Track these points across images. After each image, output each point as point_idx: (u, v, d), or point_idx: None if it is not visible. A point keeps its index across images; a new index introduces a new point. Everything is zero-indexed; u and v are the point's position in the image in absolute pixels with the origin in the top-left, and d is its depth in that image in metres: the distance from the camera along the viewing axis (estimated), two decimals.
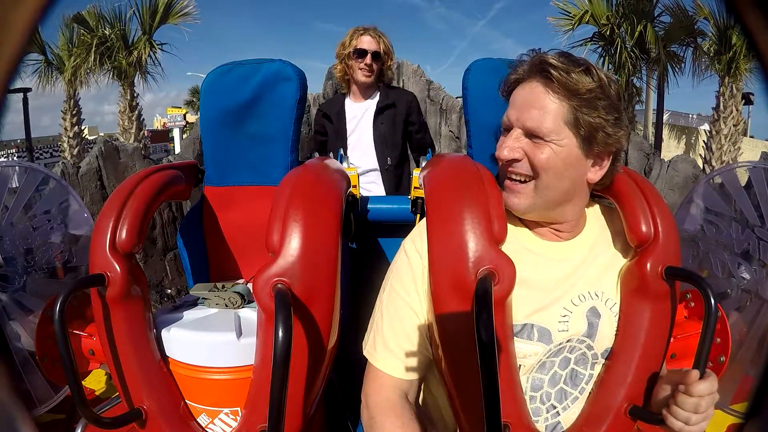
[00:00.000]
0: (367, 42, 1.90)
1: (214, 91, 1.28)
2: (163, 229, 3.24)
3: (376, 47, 1.90)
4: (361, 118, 1.99)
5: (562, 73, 0.75)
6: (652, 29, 8.07)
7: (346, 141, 2.00)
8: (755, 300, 1.50)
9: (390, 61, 1.97)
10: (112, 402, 1.04)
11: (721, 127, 8.11)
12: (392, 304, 0.84)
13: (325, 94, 4.87)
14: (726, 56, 7.69)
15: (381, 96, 1.98)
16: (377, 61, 1.91)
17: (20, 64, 0.27)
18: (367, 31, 1.92)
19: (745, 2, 0.27)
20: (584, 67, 0.77)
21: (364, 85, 1.97)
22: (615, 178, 0.86)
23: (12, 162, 3.91)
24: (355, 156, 1.99)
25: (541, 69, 0.77)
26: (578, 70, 0.76)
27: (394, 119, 1.96)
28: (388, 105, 1.96)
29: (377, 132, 1.97)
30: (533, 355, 0.79)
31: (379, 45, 1.90)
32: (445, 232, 0.77)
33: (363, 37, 1.91)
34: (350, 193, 1.25)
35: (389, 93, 1.99)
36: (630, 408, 0.81)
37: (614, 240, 0.88)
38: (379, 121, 1.96)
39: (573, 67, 0.76)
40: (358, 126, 2.00)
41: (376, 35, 1.91)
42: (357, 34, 1.92)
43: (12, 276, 1.61)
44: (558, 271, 0.83)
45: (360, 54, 1.90)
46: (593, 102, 0.75)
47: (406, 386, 0.83)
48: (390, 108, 1.97)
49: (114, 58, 8.67)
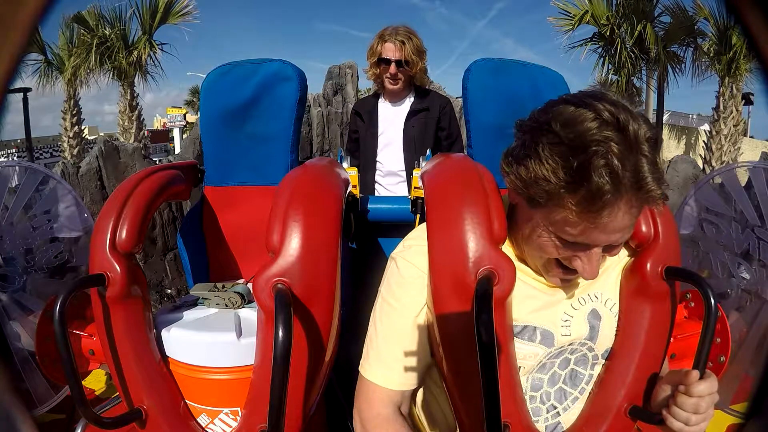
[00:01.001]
0: (389, 50, 1.82)
1: (214, 91, 1.28)
2: (163, 229, 3.24)
3: (399, 55, 1.81)
4: (393, 119, 1.95)
5: (658, 189, 0.63)
6: (652, 29, 8.07)
7: (377, 141, 1.97)
8: (755, 300, 1.51)
9: (421, 64, 1.87)
10: (112, 402, 1.04)
11: (721, 128, 8.11)
12: (386, 316, 0.82)
13: (325, 94, 4.87)
14: (726, 56, 7.69)
15: (415, 99, 1.94)
16: (402, 68, 1.84)
17: (20, 64, 0.27)
18: (390, 37, 1.82)
19: (745, 2, 0.27)
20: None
21: (392, 92, 1.93)
22: None
23: (12, 162, 3.91)
24: (384, 156, 1.97)
25: (638, 188, 0.62)
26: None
27: (425, 123, 1.91)
28: (422, 108, 1.91)
29: (407, 134, 1.92)
30: (533, 357, 0.79)
31: (403, 52, 1.81)
32: (445, 232, 0.77)
33: (386, 44, 1.83)
34: (350, 193, 1.25)
35: (424, 96, 1.94)
36: (630, 408, 0.81)
37: None
38: (410, 123, 1.91)
39: (660, 174, 0.64)
40: (389, 127, 1.96)
41: (399, 41, 1.81)
42: (381, 40, 1.84)
43: (12, 276, 1.62)
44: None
45: (384, 62, 1.83)
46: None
47: (399, 399, 0.81)
48: (423, 111, 1.91)
49: (114, 58, 8.67)
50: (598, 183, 0.60)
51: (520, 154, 0.70)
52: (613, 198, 0.61)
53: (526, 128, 0.71)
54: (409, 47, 1.81)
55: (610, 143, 0.60)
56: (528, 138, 0.69)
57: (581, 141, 0.62)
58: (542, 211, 0.69)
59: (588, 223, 0.64)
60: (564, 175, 0.63)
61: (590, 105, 0.64)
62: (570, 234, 0.67)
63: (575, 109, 0.65)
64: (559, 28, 8.71)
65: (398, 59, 1.81)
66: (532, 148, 0.67)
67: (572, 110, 0.65)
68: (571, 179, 0.62)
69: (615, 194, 0.61)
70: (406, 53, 1.81)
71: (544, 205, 0.67)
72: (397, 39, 1.81)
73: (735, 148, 8.12)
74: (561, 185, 0.63)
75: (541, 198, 0.67)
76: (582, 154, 0.61)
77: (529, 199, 0.69)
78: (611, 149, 0.60)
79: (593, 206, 0.62)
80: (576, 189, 0.62)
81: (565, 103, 0.67)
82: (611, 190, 0.60)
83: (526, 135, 0.70)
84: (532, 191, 0.68)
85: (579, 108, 0.65)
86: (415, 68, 1.85)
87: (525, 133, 0.70)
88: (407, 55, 1.81)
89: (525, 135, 0.70)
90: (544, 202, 0.67)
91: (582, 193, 0.62)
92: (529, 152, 0.67)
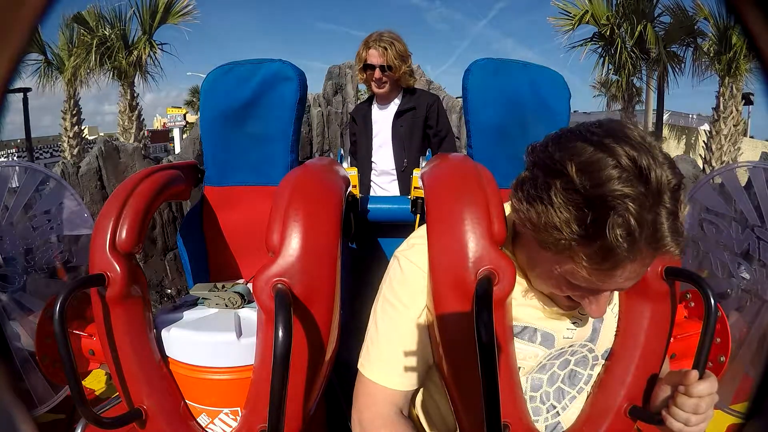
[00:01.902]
0: (374, 56, 1.90)
1: (214, 91, 1.28)
2: (163, 229, 3.24)
3: (383, 60, 1.89)
4: (384, 121, 2.05)
5: (676, 248, 0.60)
6: (652, 29, 8.08)
7: (372, 142, 2.07)
8: (755, 300, 1.51)
9: (404, 67, 1.93)
10: (112, 402, 1.04)
11: (721, 127, 8.12)
12: (386, 314, 0.81)
13: (325, 94, 4.87)
14: (726, 56, 7.69)
15: (402, 99, 2.02)
16: (386, 73, 1.91)
17: (20, 64, 0.27)
18: (375, 44, 1.90)
19: (745, 2, 0.27)
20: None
21: (380, 96, 2.01)
22: None
23: (12, 162, 3.91)
24: (378, 157, 2.07)
25: (655, 247, 0.59)
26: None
27: (413, 122, 1.99)
28: (409, 108, 1.99)
29: (396, 134, 2.01)
30: (533, 357, 0.79)
31: (386, 57, 1.89)
32: (445, 231, 0.76)
33: (370, 50, 1.91)
34: (350, 193, 1.25)
35: (411, 96, 2.02)
36: (630, 408, 0.81)
37: None
38: (399, 123, 2.00)
39: (679, 226, 0.60)
40: (382, 129, 2.05)
41: (381, 47, 1.89)
42: (366, 47, 1.93)
43: (12, 276, 1.62)
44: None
45: (370, 68, 1.92)
46: None
47: (401, 399, 0.80)
48: (410, 111, 1.99)
49: (114, 58, 8.68)
50: (612, 243, 0.57)
51: (531, 195, 0.65)
52: (627, 259, 0.59)
53: (539, 162, 0.66)
54: (391, 52, 1.89)
55: (627, 201, 0.56)
56: (541, 176, 0.64)
57: (598, 193, 0.58)
58: (551, 256, 0.66)
59: (598, 278, 0.63)
60: (577, 228, 0.60)
61: (610, 149, 0.59)
62: (579, 280, 0.65)
63: (593, 152, 0.60)
64: (559, 28, 8.73)
65: (381, 64, 1.89)
66: (544, 191, 0.63)
67: (590, 153, 0.60)
68: (585, 233, 0.59)
69: (629, 255, 0.58)
70: (389, 58, 1.89)
71: (554, 253, 0.65)
72: (380, 45, 1.89)
73: (735, 148, 8.13)
74: (573, 238, 0.60)
75: (551, 246, 0.64)
76: (598, 209, 0.58)
77: (539, 241, 0.66)
78: (629, 208, 0.56)
79: (605, 264, 0.60)
80: (589, 244, 0.60)
81: (584, 142, 0.62)
82: (626, 251, 0.58)
83: (538, 171, 0.65)
84: (542, 236, 0.65)
85: (597, 152, 0.60)
86: (398, 72, 1.92)
87: (537, 167, 0.66)
88: (389, 60, 1.89)
89: (537, 170, 0.66)
90: (554, 251, 0.64)
91: (594, 248, 0.59)
92: (541, 195, 0.63)
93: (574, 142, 0.63)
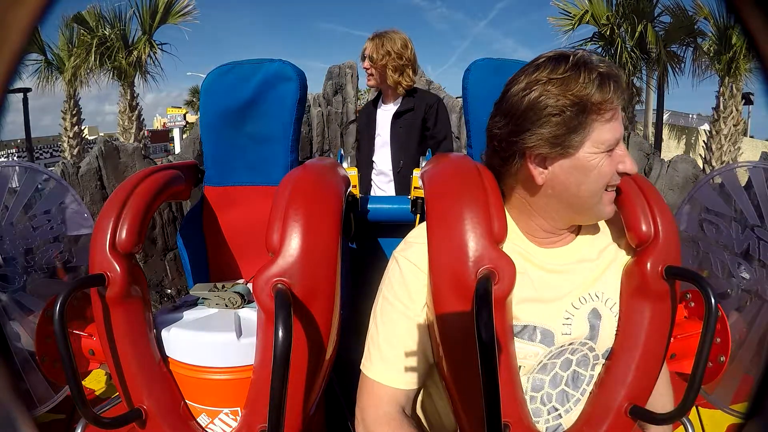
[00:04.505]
0: (367, 47, 1.96)
1: (214, 91, 1.28)
2: (163, 229, 3.24)
3: (369, 52, 1.94)
4: (385, 122, 2.07)
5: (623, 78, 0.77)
6: (652, 29, 8.08)
7: (374, 142, 2.10)
8: (755, 300, 1.51)
9: (387, 61, 1.93)
10: (112, 402, 1.04)
11: (721, 127, 8.12)
12: (386, 314, 0.82)
13: (325, 94, 4.87)
14: (726, 56, 7.70)
15: (402, 100, 2.03)
16: (373, 65, 1.94)
17: (20, 64, 0.27)
18: (374, 37, 1.96)
19: (745, 2, 0.27)
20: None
21: (385, 95, 2.06)
22: None
23: (12, 162, 3.91)
24: (378, 157, 2.10)
25: (618, 84, 0.75)
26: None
27: (411, 123, 2.01)
28: (408, 109, 2.01)
29: (394, 135, 2.03)
30: (533, 356, 0.79)
31: (376, 50, 1.92)
32: (445, 231, 0.77)
33: (367, 43, 1.97)
34: (350, 193, 1.25)
35: (411, 98, 2.03)
36: (630, 408, 0.81)
37: (614, 240, 0.88)
38: (398, 124, 2.02)
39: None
40: (383, 129, 2.08)
41: (376, 40, 1.93)
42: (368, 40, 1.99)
43: (12, 276, 1.62)
44: (559, 276, 0.82)
45: (362, 59, 1.98)
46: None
47: (403, 398, 0.81)
48: (408, 112, 2.01)
49: (114, 58, 8.68)
50: (593, 66, 0.72)
51: (522, 118, 0.75)
52: (610, 77, 0.73)
53: (507, 117, 0.77)
54: (376, 44, 1.93)
55: (580, 51, 0.76)
56: (514, 115, 0.75)
57: (568, 66, 0.73)
58: (576, 149, 0.73)
59: (607, 124, 0.73)
60: (566, 67, 0.73)
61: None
62: (605, 132, 0.73)
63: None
64: (559, 28, 8.73)
65: (369, 55, 1.94)
66: (528, 119, 0.74)
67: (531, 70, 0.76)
68: (571, 70, 0.72)
69: (606, 68, 0.73)
70: (371, 49, 1.93)
71: (577, 142, 0.73)
72: (376, 38, 1.94)
73: (735, 148, 8.13)
74: (568, 75, 0.72)
75: (570, 132, 0.72)
76: (563, 60, 0.73)
77: (563, 148, 0.73)
78: (583, 56, 0.75)
79: (604, 88, 0.72)
80: (579, 74, 0.72)
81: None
82: (603, 67, 0.73)
83: (508, 120, 0.76)
84: (558, 140, 0.73)
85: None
86: (377, 64, 1.93)
87: (507, 121, 0.76)
88: (372, 50, 1.93)
89: (507, 123, 0.76)
90: (574, 139, 0.72)
91: (589, 80, 0.71)
92: (529, 120, 0.74)
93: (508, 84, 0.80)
